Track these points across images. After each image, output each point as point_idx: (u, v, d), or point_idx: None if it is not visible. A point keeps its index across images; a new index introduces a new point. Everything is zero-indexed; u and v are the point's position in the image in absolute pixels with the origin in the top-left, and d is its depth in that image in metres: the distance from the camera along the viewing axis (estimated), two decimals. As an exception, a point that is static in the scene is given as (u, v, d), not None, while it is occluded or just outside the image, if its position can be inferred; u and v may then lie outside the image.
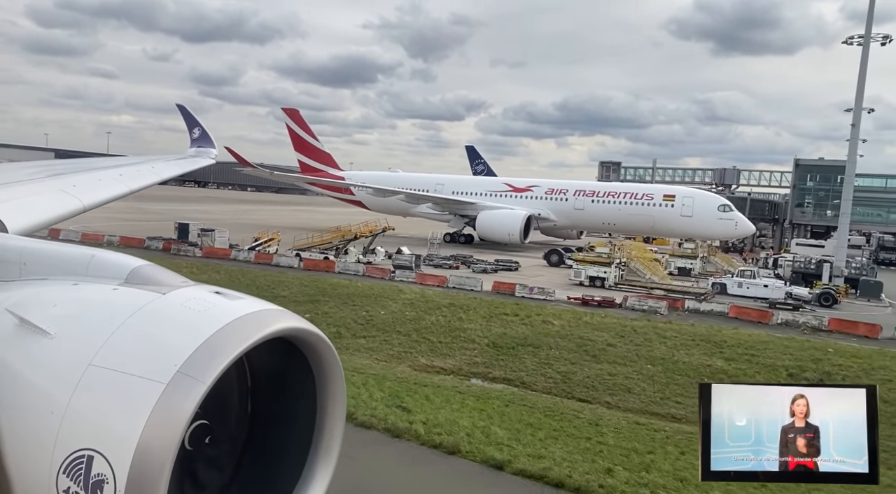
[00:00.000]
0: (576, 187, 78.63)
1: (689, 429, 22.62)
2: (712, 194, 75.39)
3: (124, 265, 3.41)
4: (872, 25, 54.69)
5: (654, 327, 34.54)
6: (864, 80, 53.11)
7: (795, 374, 28.20)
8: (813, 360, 29.77)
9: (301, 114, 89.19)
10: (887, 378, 27.82)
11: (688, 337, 32.86)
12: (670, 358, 30.17)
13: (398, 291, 39.68)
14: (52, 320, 3.02)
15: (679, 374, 28.48)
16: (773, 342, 32.39)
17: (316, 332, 3.08)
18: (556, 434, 19.84)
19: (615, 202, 74.93)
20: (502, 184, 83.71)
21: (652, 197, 73.47)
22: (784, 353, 30.66)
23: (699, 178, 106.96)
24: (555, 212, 77.89)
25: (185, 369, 2.66)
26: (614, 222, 76.19)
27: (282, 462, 3.31)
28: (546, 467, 16.55)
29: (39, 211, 6.27)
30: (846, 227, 56.03)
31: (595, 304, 40.57)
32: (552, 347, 31.49)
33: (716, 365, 29.43)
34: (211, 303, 3.00)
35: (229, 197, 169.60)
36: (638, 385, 27.64)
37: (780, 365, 29.24)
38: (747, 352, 30.81)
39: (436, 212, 79.51)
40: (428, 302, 37.53)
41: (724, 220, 69.53)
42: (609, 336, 33.01)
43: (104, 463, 2.61)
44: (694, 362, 29.80)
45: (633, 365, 29.64)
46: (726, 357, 30.37)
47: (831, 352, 31.05)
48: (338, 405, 3.26)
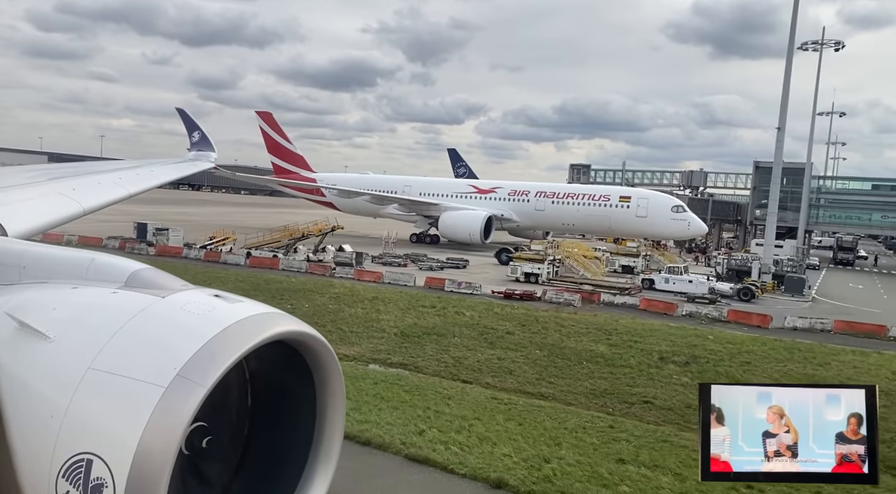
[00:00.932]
0: (537, 189, 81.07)
1: (541, 403, 25.11)
2: (667, 195, 77.71)
3: (124, 268, 3.41)
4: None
5: (556, 317, 37.01)
6: (789, 87, 55.56)
7: (666, 357, 30.57)
8: (688, 346, 32.18)
9: (274, 117, 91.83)
10: (746, 361, 30.28)
11: (583, 326, 35.32)
12: (558, 344, 32.61)
13: (329, 286, 42.25)
14: (52, 323, 3.02)
15: (560, 358, 30.87)
16: (661, 330, 34.83)
17: (316, 336, 3.12)
18: (400, 406, 22.29)
19: (574, 203, 77.36)
20: (467, 185, 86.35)
21: (609, 198, 75.91)
22: (665, 340, 33.08)
23: (668, 181, 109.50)
24: (517, 213, 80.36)
25: (185, 372, 2.66)
26: (573, 223, 78.63)
27: (281, 465, 3.31)
28: (364, 429, 19.07)
29: (39, 214, 6.28)
30: (773, 226, 58.30)
31: (517, 298, 43.09)
32: (456, 335, 33.91)
33: (597, 350, 31.84)
34: (210, 307, 3.01)
35: (220, 200, 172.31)
36: (520, 368, 30.01)
37: (656, 349, 31.63)
38: (632, 339, 33.23)
39: (402, 213, 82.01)
40: (353, 296, 40.06)
41: (677, 221, 71.93)
42: (511, 325, 35.48)
43: (103, 467, 2.61)
44: (579, 348, 32.22)
45: (523, 350, 32.06)
46: (611, 343, 32.79)
47: (711, 339, 33.49)
48: (337, 408, 3.27)
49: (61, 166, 11.28)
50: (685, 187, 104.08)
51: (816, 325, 37.46)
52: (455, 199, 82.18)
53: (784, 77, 54.74)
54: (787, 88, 55.56)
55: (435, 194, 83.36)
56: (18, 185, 7.29)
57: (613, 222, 74.93)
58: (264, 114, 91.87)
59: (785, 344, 33.09)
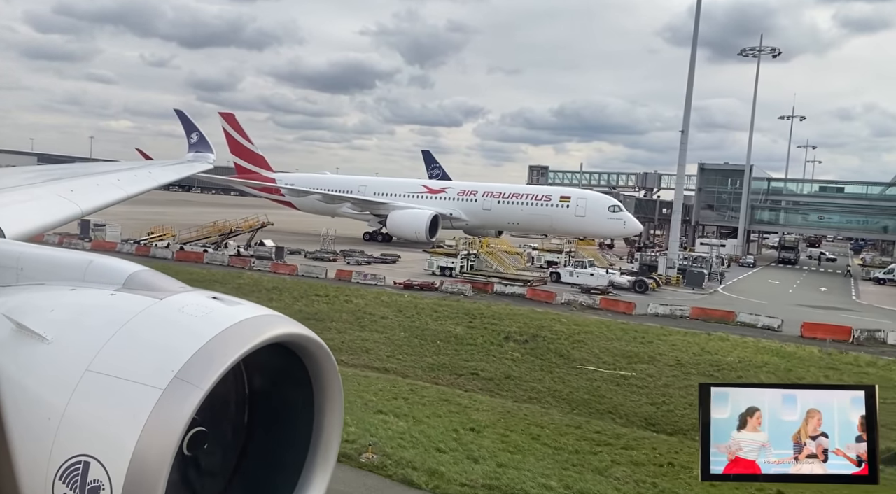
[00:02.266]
0: (485, 189, 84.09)
1: (378, 376, 28.29)
2: (605, 195, 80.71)
3: (122, 270, 3.41)
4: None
5: (434, 304, 40.18)
6: (691, 95, 58.73)
7: (511, 336, 33.72)
8: (537, 328, 35.30)
9: (237, 118, 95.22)
10: (580, 339, 33.48)
11: (454, 311, 38.48)
12: (423, 327, 35.76)
13: (236, 277, 45.55)
14: (50, 325, 3.02)
15: (418, 338, 34.03)
16: (522, 315, 37.96)
17: (314, 338, 3.12)
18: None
19: (518, 203, 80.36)
20: (420, 185, 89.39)
21: (550, 198, 78.99)
22: (520, 323, 36.20)
23: (623, 182, 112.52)
24: (466, 212, 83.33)
25: (183, 374, 2.67)
26: (518, 221, 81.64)
27: (279, 468, 3.30)
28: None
29: (37, 216, 6.27)
30: (678, 225, 61.36)
31: (416, 288, 46.26)
32: (335, 321, 37.05)
33: (455, 331, 34.98)
34: (208, 308, 3.01)
35: (204, 201, 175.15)
36: (378, 347, 33.15)
37: (507, 330, 34.75)
38: (491, 322, 36.40)
39: (356, 212, 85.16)
40: (254, 286, 43.34)
41: (613, 220, 74.95)
42: (390, 311, 38.63)
43: (101, 470, 2.62)
44: (440, 329, 35.37)
45: (388, 333, 35.19)
46: (470, 325, 35.93)
47: (563, 322, 36.65)
48: (335, 411, 3.26)
49: (59, 167, 11.40)
50: (640, 188, 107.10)
51: (676, 312, 40.64)
52: (407, 199, 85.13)
53: (687, 86, 57.82)
54: (690, 97, 58.78)
55: (389, 194, 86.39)
56: (16, 187, 7.27)
57: (554, 221, 77.86)
58: (227, 115, 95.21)
59: (625, 326, 36.25)
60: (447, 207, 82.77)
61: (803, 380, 29.08)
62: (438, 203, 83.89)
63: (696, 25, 57.96)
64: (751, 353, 31.80)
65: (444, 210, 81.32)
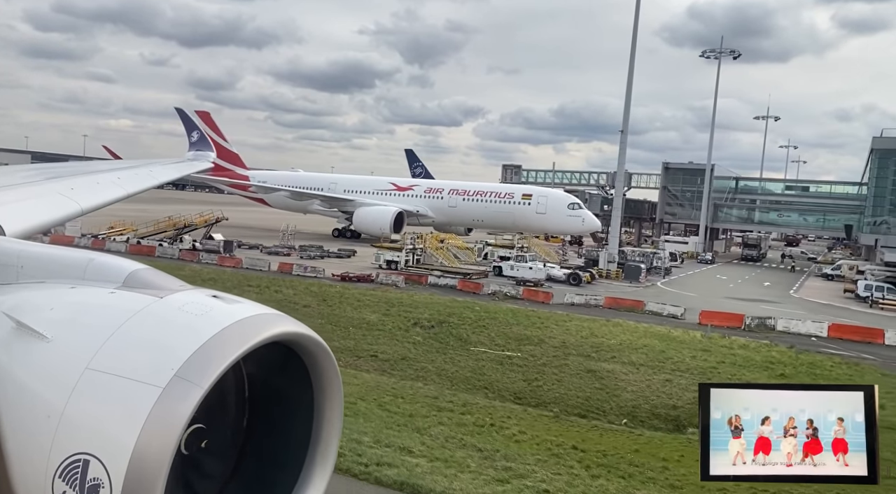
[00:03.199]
0: (451, 187, 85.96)
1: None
2: (565, 194, 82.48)
3: (122, 268, 3.38)
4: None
5: (360, 294, 42.04)
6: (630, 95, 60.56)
7: (419, 322, 35.58)
8: (447, 315, 37.15)
9: (212, 116, 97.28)
10: (483, 325, 35.34)
11: (375, 301, 40.34)
12: (341, 314, 37.63)
13: (178, 270, 47.30)
14: (49, 323, 3.02)
15: (333, 325, 35.87)
16: (439, 303, 39.81)
17: (315, 337, 3.13)
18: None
19: (482, 200, 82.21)
20: (388, 183, 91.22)
21: (513, 196, 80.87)
22: (433, 310, 38.06)
23: (594, 181, 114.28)
24: (432, 210, 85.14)
25: (183, 373, 2.66)
26: (482, 219, 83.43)
27: (279, 467, 3.31)
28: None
29: (37, 214, 6.32)
30: (618, 222, 63.19)
31: (353, 280, 48.11)
32: (260, 308, 38.90)
33: (369, 318, 36.86)
34: (208, 307, 2.99)
35: (193, 199, 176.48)
36: (292, 331, 34.99)
37: (416, 317, 36.64)
38: (406, 310, 38.25)
39: (325, 209, 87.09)
40: (193, 278, 45.04)
41: (572, 217, 76.71)
42: (314, 300, 40.55)
43: (100, 468, 2.62)
44: (356, 317, 37.24)
45: (307, 320, 36.51)
46: (386, 313, 37.79)
47: (476, 310, 38.49)
48: (335, 410, 3.27)
49: (59, 166, 11.26)
50: (610, 187, 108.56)
51: (591, 301, 42.55)
52: (375, 196, 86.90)
53: (627, 85, 59.53)
54: (630, 96, 60.62)
55: (357, 191, 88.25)
56: (16, 185, 7.26)
57: (517, 218, 79.62)
58: (202, 113, 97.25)
59: (532, 313, 38.09)
60: (414, 204, 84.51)
61: (683, 362, 30.88)
62: (406, 200, 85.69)
63: (635, 23, 59.66)
64: (636, 337, 33.62)
65: (410, 207, 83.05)
